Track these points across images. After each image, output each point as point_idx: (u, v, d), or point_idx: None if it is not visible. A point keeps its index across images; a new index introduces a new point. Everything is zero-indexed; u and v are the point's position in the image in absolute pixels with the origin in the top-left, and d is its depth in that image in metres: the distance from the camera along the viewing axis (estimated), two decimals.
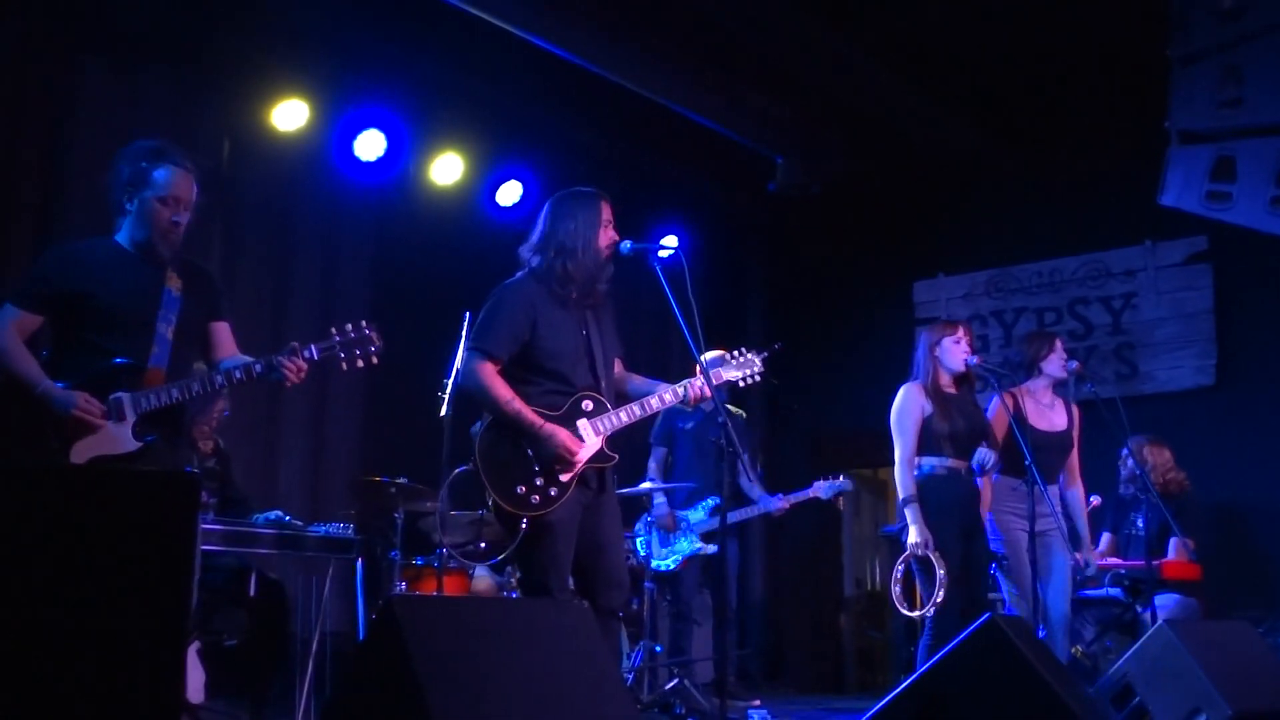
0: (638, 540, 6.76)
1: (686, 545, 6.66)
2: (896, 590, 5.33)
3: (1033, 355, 5.68)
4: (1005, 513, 5.40)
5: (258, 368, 3.76)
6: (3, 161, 5.82)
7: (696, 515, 6.68)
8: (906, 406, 5.24)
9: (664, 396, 4.06)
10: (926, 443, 5.17)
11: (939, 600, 4.92)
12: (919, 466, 5.17)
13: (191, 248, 3.98)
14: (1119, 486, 6.86)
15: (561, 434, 3.85)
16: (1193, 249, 8.28)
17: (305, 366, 3.78)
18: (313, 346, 3.83)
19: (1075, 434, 5.68)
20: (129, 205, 3.76)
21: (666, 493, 6.70)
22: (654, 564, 6.72)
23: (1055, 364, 5.61)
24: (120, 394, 3.63)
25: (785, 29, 7.30)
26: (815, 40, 7.42)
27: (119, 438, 3.62)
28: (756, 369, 4.24)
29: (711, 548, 6.66)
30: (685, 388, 4.07)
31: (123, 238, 3.81)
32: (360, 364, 3.87)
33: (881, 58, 7.74)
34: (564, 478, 3.87)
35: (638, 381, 4.22)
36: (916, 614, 5.29)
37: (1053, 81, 8.22)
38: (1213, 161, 7.23)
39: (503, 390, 3.89)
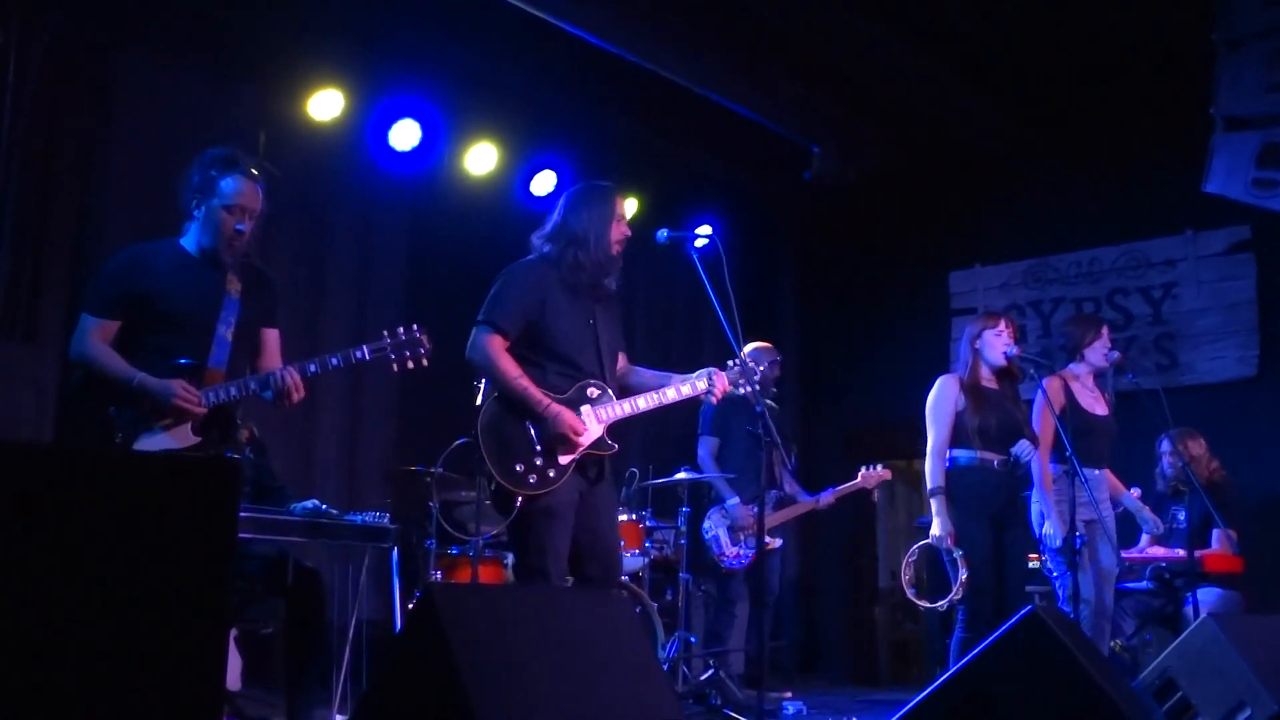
0: (708, 536, 6.72)
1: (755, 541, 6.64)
2: (907, 576, 5.33)
3: (1078, 339, 5.65)
4: (1056, 501, 5.36)
5: (252, 384, 3.87)
6: (42, 154, 5.85)
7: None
8: (940, 398, 5.24)
9: (667, 393, 4.09)
10: (958, 435, 5.16)
11: (955, 597, 4.91)
12: (951, 458, 5.16)
13: None
14: (1156, 482, 6.79)
15: (567, 414, 3.89)
16: (1235, 238, 8.17)
17: (296, 384, 3.86)
18: (365, 348, 3.98)
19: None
20: (196, 212, 3.92)
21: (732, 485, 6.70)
22: (729, 561, 6.66)
23: (1098, 351, 5.57)
24: None
25: (822, 17, 7.24)
26: (852, 28, 7.36)
27: (180, 433, 3.77)
28: (754, 378, 4.20)
29: (777, 541, 6.69)
30: (691, 385, 4.09)
31: (188, 242, 3.97)
32: (410, 365, 4.03)
33: (919, 46, 7.67)
34: (563, 460, 3.89)
35: (646, 375, 4.25)
36: (925, 605, 5.28)
37: (1093, 68, 8.11)
38: (1259, 147, 7.13)
39: (510, 365, 3.94)
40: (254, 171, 3.96)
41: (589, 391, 4.00)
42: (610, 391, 4.03)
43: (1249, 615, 5.95)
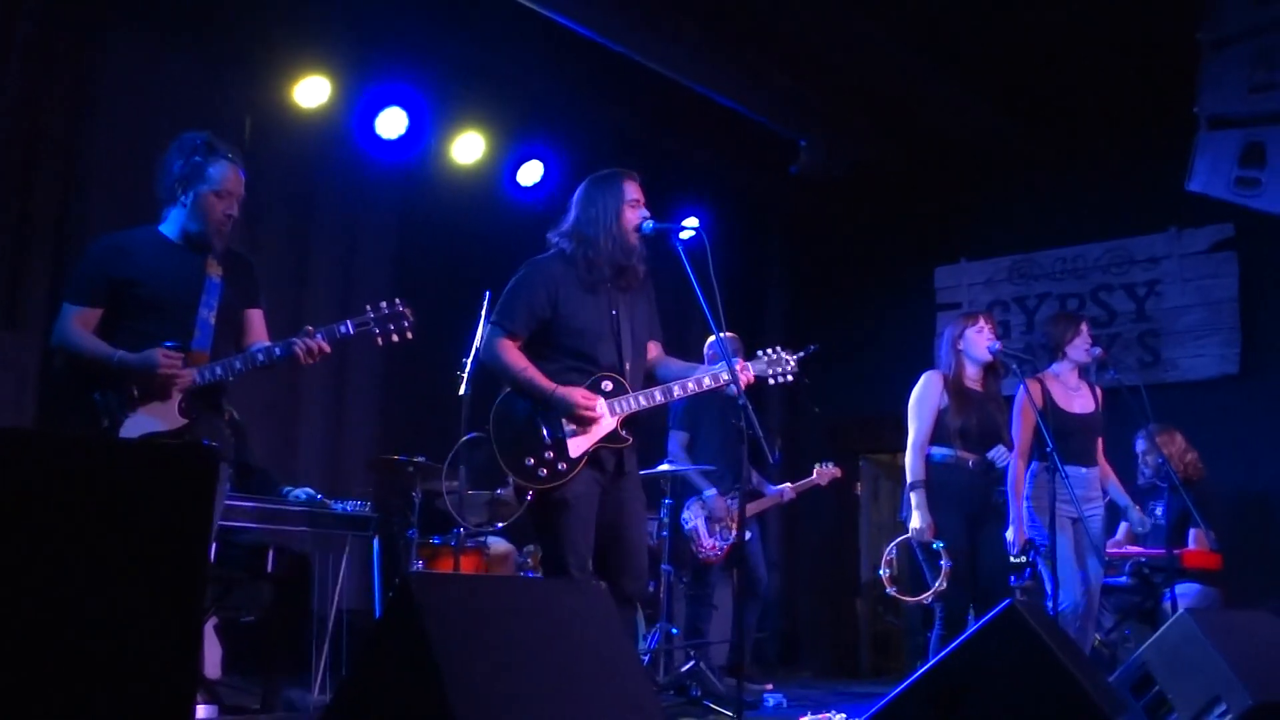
0: (687, 528, 6.71)
1: (730, 532, 6.65)
2: (886, 573, 5.36)
3: (1058, 338, 5.66)
4: (1040, 500, 5.38)
5: (277, 350, 3.89)
6: (27, 138, 5.82)
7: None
8: (924, 394, 5.27)
9: (688, 385, 4.06)
10: (938, 433, 5.18)
11: (941, 588, 4.94)
12: (929, 454, 5.18)
13: None
14: (1137, 477, 6.83)
15: (575, 391, 3.90)
16: (1219, 236, 8.21)
17: (321, 348, 3.90)
18: (348, 322, 3.98)
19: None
20: (183, 198, 3.92)
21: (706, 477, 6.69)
22: (707, 552, 6.64)
23: (1080, 348, 5.59)
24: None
25: (810, 10, 7.24)
26: (840, 22, 7.36)
27: (166, 415, 3.78)
28: (789, 368, 4.20)
29: (747, 534, 6.67)
30: (712, 376, 4.07)
31: (168, 228, 3.97)
32: (395, 339, 4.01)
33: (907, 40, 7.68)
34: (574, 454, 3.88)
35: (675, 365, 4.22)
36: (909, 599, 5.31)
37: (1079, 66, 8.13)
38: (1242, 147, 7.18)
39: (516, 359, 3.95)
40: (235, 156, 3.98)
41: (603, 385, 3.99)
42: (627, 384, 4.01)
43: (1226, 611, 5.98)
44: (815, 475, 6.95)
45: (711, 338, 6.61)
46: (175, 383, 3.75)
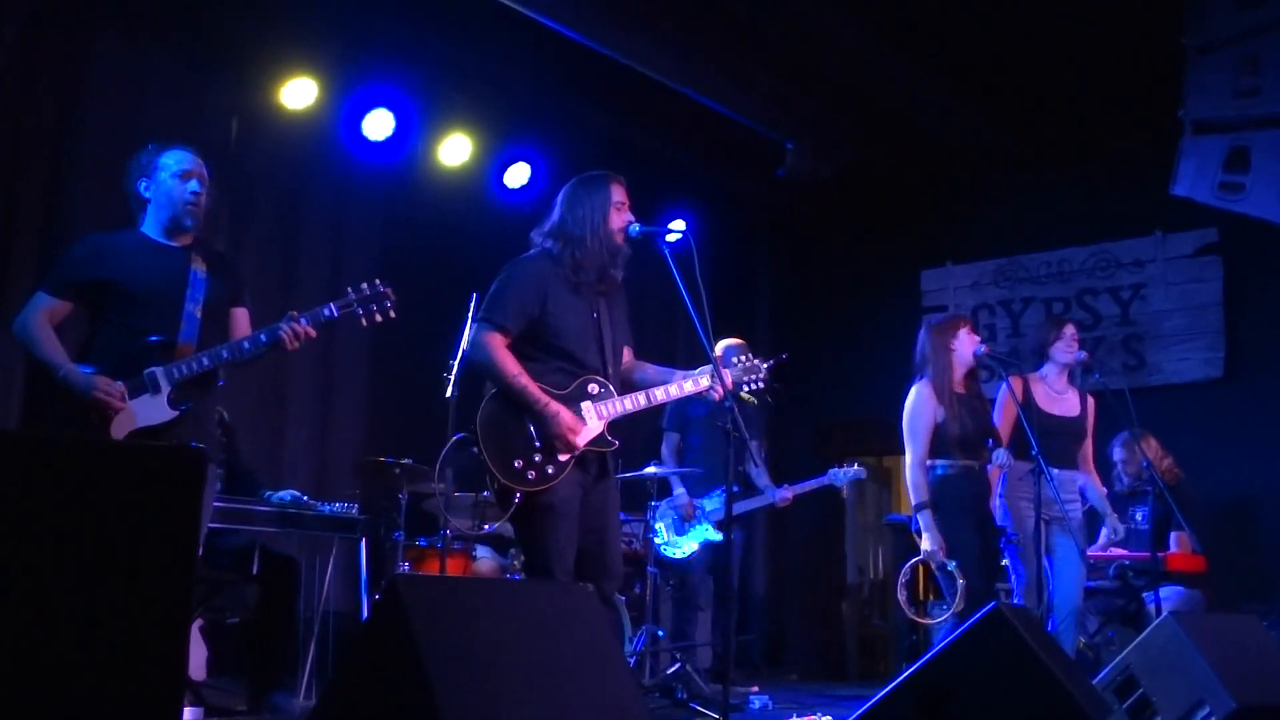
0: (656, 525, 6.72)
1: (702, 533, 6.66)
2: (903, 595, 5.30)
3: (1042, 341, 5.69)
4: (1018, 498, 5.39)
5: (262, 337, 3.92)
6: (13, 139, 5.80)
7: (713, 503, 6.66)
8: (918, 409, 5.22)
9: (670, 389, 4.06)
10: (938, 446, 5.15)
11: (958, 608, 4.91)
12: (932, 469, 5.16)
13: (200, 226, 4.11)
14: (1114, 482, 6.85)
15: (565, 414, 3.84)
16: (1203, 241, 8.25)
17: (306, 332, 3.92)
18: (332, 305, 4.00)
19: (1089, 423, 5.67)
20: (147, 193, 3.98)
21: (683, 479, 6.70)
22: (668, 551, 6.68)
23: (1063, 350, 5.60)
24: (154, 368, 3.82)
25: (798, 13, 7.26)
26: (827, 25, 7.38)
27: (156, 409, 3.80)
28: (760, 376, 4.22)
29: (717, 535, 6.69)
30: (693, 381, 4.07)
31: (147, 228, 4.01)
32: (378, 318, 4.04)
33: (894, 44, 7.70)
34: (562, 457, 3.86)
35: (650, 370, 4.21)
36: (930, 621, 5.26)
37: (1065, 70, 8.17)
38: (1227, 152, 7.23)
39: (510, 363, 3.88)
40: (190, 147, 4.05)
41: (590, 388, 3.96)
42: (612, 387, 4.00)
43: (1210, 614, 6.01)
44: (828, 477, 6.80)
45: (722, 344, 6.65)
46: (108, 413, 3.73)
